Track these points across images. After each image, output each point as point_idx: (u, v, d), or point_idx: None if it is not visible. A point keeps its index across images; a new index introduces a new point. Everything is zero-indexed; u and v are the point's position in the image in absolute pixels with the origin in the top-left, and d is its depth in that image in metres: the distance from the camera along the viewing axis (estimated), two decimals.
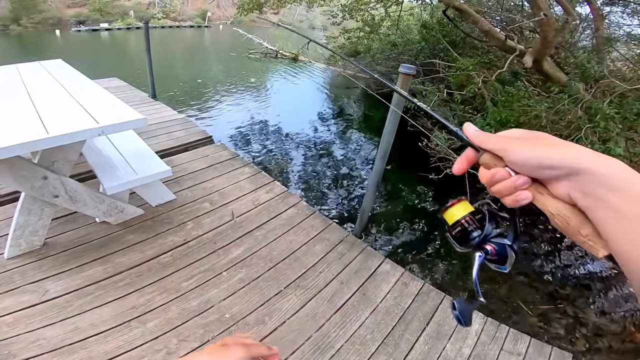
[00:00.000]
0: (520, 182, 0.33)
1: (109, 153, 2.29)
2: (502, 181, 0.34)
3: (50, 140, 1.50)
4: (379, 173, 1.94)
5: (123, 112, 1.79)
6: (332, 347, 1.68)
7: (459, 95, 4.34)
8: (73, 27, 17.54)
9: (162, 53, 12.66)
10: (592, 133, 3.33)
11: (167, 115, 3.91)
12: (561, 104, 3.57)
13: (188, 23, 23.28)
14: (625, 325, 2.63)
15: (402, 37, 7.13)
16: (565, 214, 0.32)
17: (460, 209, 0.41)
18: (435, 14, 6.51)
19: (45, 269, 1.86)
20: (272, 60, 12.26)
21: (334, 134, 6.13)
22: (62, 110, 1.79)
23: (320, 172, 4.59)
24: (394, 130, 1.76)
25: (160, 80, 5.70)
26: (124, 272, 1.88)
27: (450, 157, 3.79)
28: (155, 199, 2.37)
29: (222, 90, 7.83)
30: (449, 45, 5.54)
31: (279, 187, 2.81)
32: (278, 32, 16.75)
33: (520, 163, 0.32)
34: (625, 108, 3.49)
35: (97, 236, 2.09)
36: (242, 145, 5.03)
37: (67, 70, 2.69)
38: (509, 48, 4.43)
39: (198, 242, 2.13)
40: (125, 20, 19.21)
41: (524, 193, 0.33)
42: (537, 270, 3.17)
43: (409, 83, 1.61)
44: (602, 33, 4.56)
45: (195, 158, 3.08)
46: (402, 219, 3.73)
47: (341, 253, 2.23)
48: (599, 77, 3.57)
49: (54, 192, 1.82)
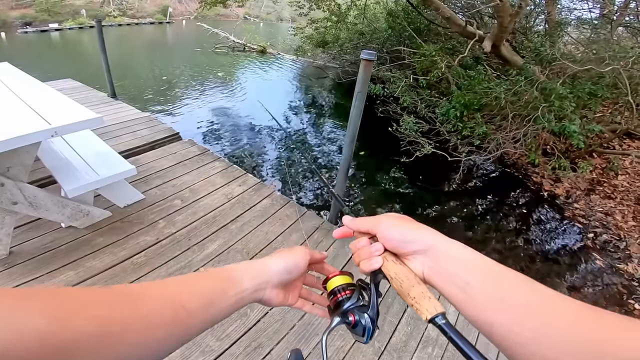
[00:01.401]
0: (375, 248, 0.39)
1: (67, 156, 2.17)
2: (363, 248, 0.41)
3: (2, 144, 1.41)
4: (348, 158, 1.98)
5: (77, 112, 1.71)
6: (317, 334, 1.70)
7: (424, 81, 4.46)
8: (19, 29, 16.26)
9: (122, 52, 12.05)
10: (548, 112, 3.54)
11: (129, 114, 3.75)
12: (518, 86, 3.76)
13: (148, 20, 22.18)
14: (595, 299, 2.78)
15: (369, 25, 7.19)
16: (401, 278, 0.36)
17: (339, 280, 0.43)
18: (400, 2, 6.59)
19: (14, 277, 1.76)
20: (239, 54, 11.99)
21: (306, 123, 6.14)
22: (11, 114, 1.69)
23: (294, 162, 4.60)
24: (360, 115, 1.79)
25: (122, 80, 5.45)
26: (96, 275, 1.81)
27: (419, 140, 3.91)
28: (123, 199, 2.29)
29: (189, 87, 7.60)
30: (414, 32, 5.65)
31: (251, 179, 2.79)
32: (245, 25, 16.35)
33: (388, 236, 0.39)
34: (578, 88, 3.74)
35: (65, 241, 1.99)
36: (213, 141, 4.93)
37: (14, 73, 2.52)
38: (469, 34, 4.60)
39: (172, 240, 2.09)
40: (76, 20, 18.02)
41: (376, 259, 0.39)
42: (508, 245, 3.34)
43: (371, 68, 1.64)
44: (553, 17, 4.81)
45: (162, 156, 2.99)
46: (377, 203, 3.83)
47: (317, 241, 2.26)
48: (551, 60, 3.78)
49: (12, 198, 1.72)
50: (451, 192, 4.16)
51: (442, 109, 4.27)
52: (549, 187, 4.29)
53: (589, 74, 3.86)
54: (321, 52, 8.61)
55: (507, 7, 3.74)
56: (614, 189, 4.25)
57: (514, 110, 3.91)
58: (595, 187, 4.32)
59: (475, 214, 3.82)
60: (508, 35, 4.51)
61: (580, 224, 3.72)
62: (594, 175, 4.48)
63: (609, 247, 3.39)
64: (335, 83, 8.08)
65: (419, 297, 0.34)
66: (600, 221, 3.74)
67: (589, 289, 2.89)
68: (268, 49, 12.18)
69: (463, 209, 3.86)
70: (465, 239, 3.32)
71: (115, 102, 4.18)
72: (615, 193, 4.19)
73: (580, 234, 3.59)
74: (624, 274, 3.05)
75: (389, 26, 6.36)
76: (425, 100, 4.59)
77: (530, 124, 3.69)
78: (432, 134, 4.27)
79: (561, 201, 4.08)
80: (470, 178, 4.47)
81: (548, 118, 3.44)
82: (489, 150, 3.98)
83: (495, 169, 4.76)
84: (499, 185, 4.43)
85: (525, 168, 4.70)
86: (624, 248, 3.35)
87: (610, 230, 3.60)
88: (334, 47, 7.50)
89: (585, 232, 3.60)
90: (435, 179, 4.32)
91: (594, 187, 4.32)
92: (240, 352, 1.55)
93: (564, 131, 3.37)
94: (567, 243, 3.47)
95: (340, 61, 7.79)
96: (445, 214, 3.71)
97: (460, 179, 4.04)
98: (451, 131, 4.21)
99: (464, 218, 3.70)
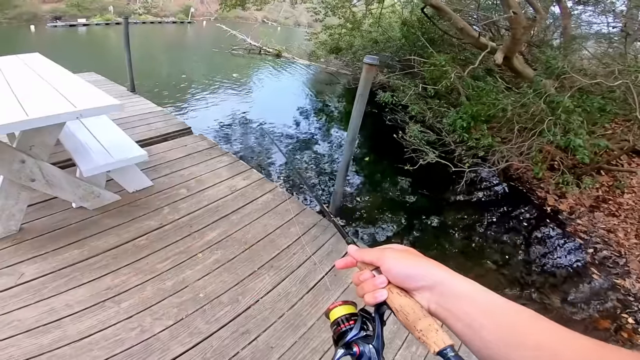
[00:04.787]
0: (379, 280, 0.39)
1: (86, 140, 2.32)
2: (367, 280, 0.40)
3: (31, 122, 1.55)
4: (348, 156, 2.05)
5: (100, 98, 1.84)
6: (304, 325, 1.76)
7: (433, 90, 4.50)
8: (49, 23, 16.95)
9: (144, 49, 12.43)
10: (554, 125, 3.52)
11: (146, 108, 3.92)
12: (526, 98, 3.76)
13: (170, 19, 22.83)
14: (589, 312, 2.77)
15: (383, 34, 7.27)
16: (407, 310, 0.36)
17: (341, 310, 0.43)
18: (415, 12, 6.66)
19: (21, 252, 1.88)
20: (255, 56, 12.24)
21: (315, 126, 6.24)
22: (41, 97, 1.83)
23: (300, 161, 4.69)
24: (360, 116, 1.87)
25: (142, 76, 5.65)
26: (99, 254, 1.92)
27: (424, 148, 3.94)
28: (133, 185, 2.41)
29: (205, 85, 7.81)
30: (428, 42, 5.70)
31: (256, 174, 2.89)
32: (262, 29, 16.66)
33: (393, 270, 0.39)
34: (586, 102, 3.71)
35: (74, 221, 2.11)
36: (223, 137, 5.07)
37: (45, 62, 2.70)
38: (482, 45, 4.62)
39: (174, 226, 2.19)
40: (104, 16, 18.69)
41: (381, 291, 0.39)
42: (506, 256, 3.33)
43: (373, 73, 1.72)
44: (569, 31, 4.80)
45: (173, 147, 3.12)
46: (378, 206, 3.87)
47: (314, 235, 2.33)
48: (561, 73, 3.78)
49: (31, 175, 1.85)
50: (454, 202, 4.17)
51: (449, 119, 4.30)
52: (553, 203, 4.26)
53: (600, 88, 3.83)
54: (334, 59, 8.73)
55: (521, 19, 3.76)
56: (618, 207, 4.20)
57: (520, 123, 3.91)
58: (600, 204, 4.27)
59: (476, 224, 3.83)
60: (521, 47, 4.53)
61: (581, 239, 3.69)
62: (599, 192, 4.43)
63: (608, 262, 3.37)
64: (346, 89, 8.18)
65: (426, 330, 0.34)
66: (602, 237, 3.71)
67: (583, 302, 2.89)
68: (283, 53, 12.39)
69: (465, 219, 3.87)
70: (465, 250, 3.34)
71: (134, 96, 4.37)
72: (619, 211, 4.13)
73: (579, 249, 3.57)
74: (620, 289, 3.05)
75: (403, 35, 6.42)
76: (433, 110, 4.63)
77: (535, 137, 3.69)
78: (439, 144, 4.30)
79: (564, 216, 4.05)
80: (475, 190, 4.46)
81: (554, 131, 3.43)
82: (493, 162, 3.99)
83: (499, 182, 4.75)
84: (503, 198, 4.42)
85: (530, 182, 4.67)
86: (624, 264, 3.33)
87: (611, 246, 3.58)
88: (347, 54, 7.61)
89: (586, 247, 3.58)
90: (438, 189, 4.34)
91: (598, 204, 4.27)
92: (227, 336, 1.62)
93: (569, 145, 3.35)
94: (566, 257, 3.46)
95: (352, 68, 7.89)
96: (447, 224, 3.72)
97: (464, 190, 4.05)
98: (457, 142, 4.23)
99: (464, 228, 3.70)
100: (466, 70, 4.43)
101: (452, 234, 3.58)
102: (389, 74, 5.40)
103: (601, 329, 2.61)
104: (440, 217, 3.82)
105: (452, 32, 5.64)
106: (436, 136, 4.36)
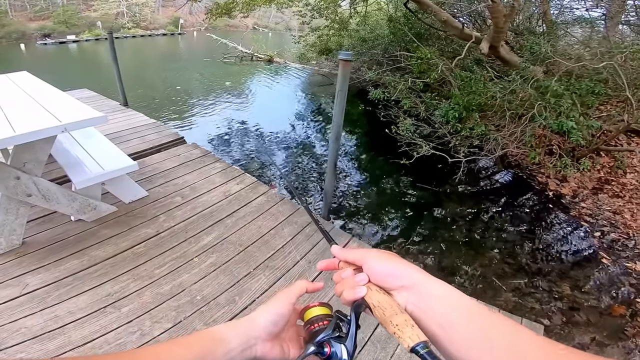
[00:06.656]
0: (360, 278, 0.40)
1: (78, 155, 2.38)
2: (348, 277, 0.42)
3: (19, 137, 1.61)
4: (334, 154, 2.09)
5: (84, 112, 1.90)
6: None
7: (422, 83, 4.54)
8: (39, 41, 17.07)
9: (136, 63, 12.56)
10: (544, 109, 3.55)
11: (139, 121, 3.98)
12: (514, 85, 3.80)
13: (160, 31, 23.02)
14: (602, 299, 2.64)
15: (371, 32, 7.32)
16: (384, 306, 0.37)
17: (317, 310, 0.43)
18: (399, 7, 6.71)
19: (25, 265, 1.94)
20: (247, 63, 12.33)
21: (310, 128, 6.28)
22: (28, 114, 1.89)
23: (293, 164, 4.73)
24: (342, 112, 1.90)
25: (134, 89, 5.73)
26: (99, 263, 1.97)
27: (417, 141, 3.98)
28: (128, 196, 2.46)
29: (198, 96, 7.88)
30: (415, 37, 5.74)
31: (249, 178, 2.93)
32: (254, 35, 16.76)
33: (375, 268, 0.40)
34: (575, 85, 3.74)
35: (74, 233, 2.17)
36: (217, 147, 5.12)
37: (32, 80, 2.77)
38: (466, 36, 4.67)
39: (170, 233, 2.23)
40: (93, 32, 18.84)
41: (361, 287, 0.39)
42: (510, 244, 3.26)
43: (349, 68, 1.76)
44: (549, 16, 4.84)
45: (167, 158, 3.17)
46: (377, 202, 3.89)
47: (308, 235, 2.37)
48: (545, 58, 3.82)
49: (27, 191, 1.91)
50: (454, 193, 4.12)
51: (441, 111, 4.33)
52: (555, 187, 4.20)
53: (588, 71, 3.86)
54: (325, 60, 8.79)
55: (500, 8, 3.79)
56: (622, 187, 4.12)
57: (511, 109, 3.94)
58: (603, 186, 4.19)
59: (478, 214, 3.77)
60: (505, 36, 4.56)
61: (587, 222, 3.60)
62: (601, 174, 4.35)
63: (617, 245, 3.25)
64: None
65: (401, 325, 0.34)
66: (608, 220, 3.60)
67: (595, 289, 2.77)
68: (275, 58, 12.47)
69: (466, 210, 3.82)
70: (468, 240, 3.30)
71: (127, 110, 4.43)
72: (624, 191, 4.05)
73: (586, 232, 3.47)
74: (632, 273, 2.91)
75: (391, 32, 6.48)
76: (426, 103, 4.67)
77: (527, 122, 3.71)
78: (435, 136, 4.31)
79: (567, 200, 3.97)
80: (475, 180, 4.44)
81: (545, 115, 3.45)
82: (489, 150, 4.00)
83: (498, 169, 4.74)
84: (503, 186, 4.37)
85: (530, 168, 4.62)
86: (633, 246, 3.22)
87: (619, 229, 3.46)
88: (337, 55, 7.66)
89: (592, 231, 3.47)
90: (438, 181, 4.31)
91: (602, 186, 4.19)
92: None
93: (562, 128, 3.36)
94: (572, 242, 3.36)
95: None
96: (448, 215, 3.70)
97: (464, 181, 4.03)
98: (451, 132, 4.26)
99: (466, 219, 3.66)
100: (453, 62, 4.48)
101: (454, 225, 3.53)
102: (379, 71, 5.43)
103: (616, 315, 2.48)
104: (441, 209, 3.79)
105: (437, 25, 5.68)
106: (431, 129, 4.40)
